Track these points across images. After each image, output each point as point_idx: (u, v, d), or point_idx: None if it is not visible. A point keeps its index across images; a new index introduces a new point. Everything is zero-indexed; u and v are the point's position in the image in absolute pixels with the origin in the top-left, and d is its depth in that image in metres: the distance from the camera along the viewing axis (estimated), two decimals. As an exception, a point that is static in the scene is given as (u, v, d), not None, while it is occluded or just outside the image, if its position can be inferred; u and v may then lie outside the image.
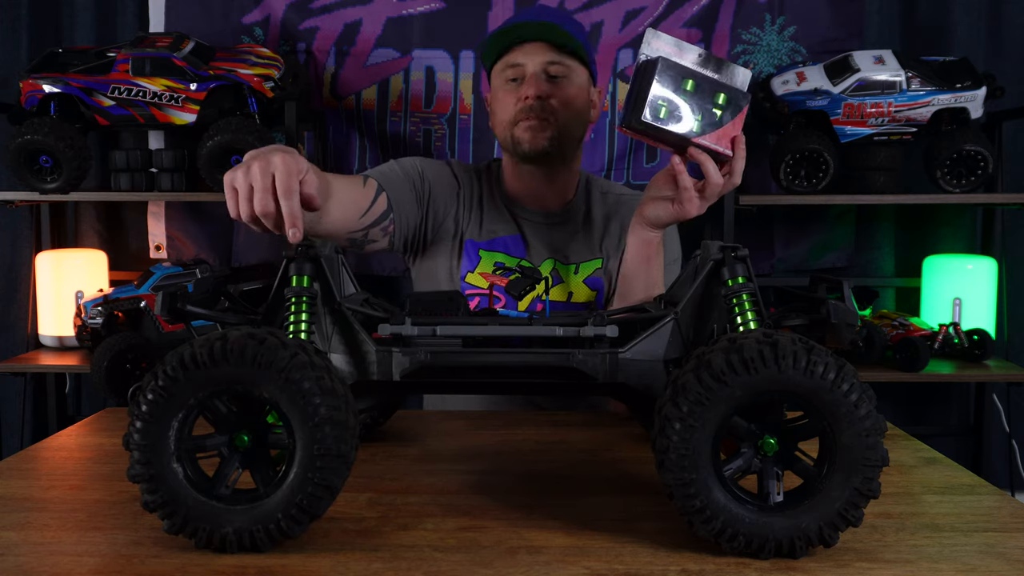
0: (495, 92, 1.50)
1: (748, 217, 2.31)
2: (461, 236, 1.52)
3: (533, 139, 1.44)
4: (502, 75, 1.47)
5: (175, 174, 2.26)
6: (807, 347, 0.75)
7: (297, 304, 0.88)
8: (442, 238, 1.52)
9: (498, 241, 1.51)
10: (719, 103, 1.09)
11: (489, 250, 1.51)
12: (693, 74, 1.08)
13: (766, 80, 2.26)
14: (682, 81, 1.07)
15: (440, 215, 1.52)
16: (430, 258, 1.53)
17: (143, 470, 0.77)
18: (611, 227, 1.54)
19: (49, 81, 2.10)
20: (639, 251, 1.31)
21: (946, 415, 2.57)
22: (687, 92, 1.08)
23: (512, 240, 1.51)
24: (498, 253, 1.50)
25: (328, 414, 0.76)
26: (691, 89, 1.08)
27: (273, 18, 2.42)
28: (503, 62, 1.47)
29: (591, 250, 1.52)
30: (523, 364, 0.86)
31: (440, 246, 1.52)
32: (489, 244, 1.51)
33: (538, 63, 1.43)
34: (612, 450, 1.14)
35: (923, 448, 1.16)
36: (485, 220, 1.53)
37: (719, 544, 0.77)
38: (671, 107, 1.08)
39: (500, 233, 1.52)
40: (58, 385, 2.44)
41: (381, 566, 0.76)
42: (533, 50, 1.44)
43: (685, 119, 1.09)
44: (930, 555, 0.79)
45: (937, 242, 2.51)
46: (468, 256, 1.51)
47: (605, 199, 1.57)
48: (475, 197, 1.54)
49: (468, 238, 1.52)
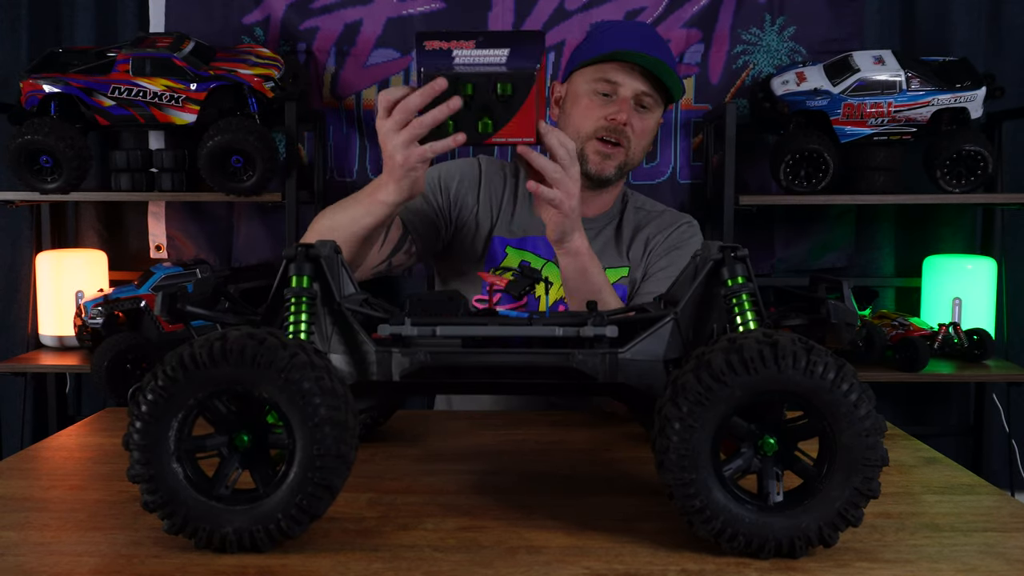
0: (576, 96, 1.49)
1: (748, 217, 2.31)
2: (489, 233, 1.51)
3: (601, 165, 1.47)
4: (592, 84, 1.47)
5: (175, 174, 2.26)
6: (807, 347, 0.75)
7: (297, 304, 0.88)
8: (466, 235, 1.52)
9: (528, 241, 1.51)
10: (505, 93, 1.03)
11: (519, 248, 1.51)
12: (470, 76, 1.02)
13: (766, 80, 2.26)
14: (461, 88, 1.03)
15: (464, 215, 1.52)
16: (455, 253, 1.54)
17: (143, 470, 0.77)
18: (637, 239, 1.55)
19: (49, 81, 2.10)
20: (572, 266, 1.26)
21: (946, 415, 2.57)
22: (469, 96, 1.03)
23: (543, 240, 1.51)
24: (527, 252, 1.50)
25: (328, 414, 0.76)
26: (471, 92, 1.03)
27: (273, 18, 2.42)
28: (598, 70, 1.46)
29: (620, 257, 1.53)
30: (523, 364, 0.86)
31: (464, 243, 1.52)
32: (520, 243, 1.51)
33: (635, 90, 1.45)
34: (612, 450, 1.14)
35: (923, 448, 1.16)
36: (516, 218, 1.53)
37: (719, 544, 0.77)
38: (456, 116, 1.04)
39: (531, 233, 1.52)
40: (58, 385, 2.44)
41: (381, 566, 0.77)
42: (634, 74, 1.44)
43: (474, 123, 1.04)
44: (930, 555, 0.79)
45: (937, 242, 2.52)
46: (495, 252, 1.51)
47: (637, 213, 1.58)
48: (504, 194, 1.54)
49: (496, 235, 1.51)
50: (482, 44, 1.02)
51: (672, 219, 1.57)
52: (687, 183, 2.48)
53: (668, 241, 1.53)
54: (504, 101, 1.03)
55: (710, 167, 2.43)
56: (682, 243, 1.53)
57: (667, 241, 1.53)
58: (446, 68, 1.03)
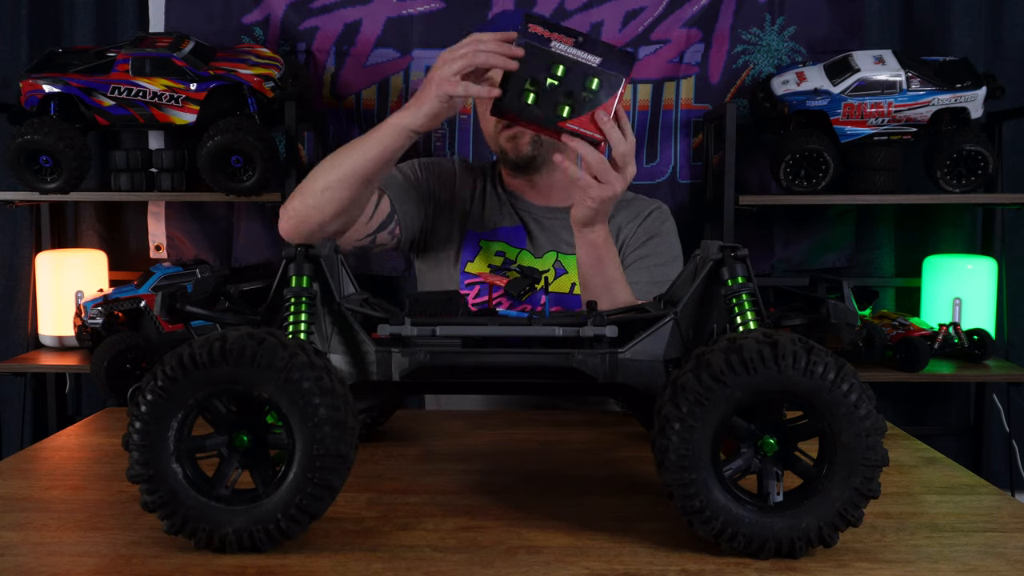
0: (478, 107, 1.53)
1: (748, 217, 2.31)
2: (462, 229, 1.54)
3: (515, 147, 1.47)
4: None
5: (175, 174, 2.26)
6: (807, 347, 0.75)
7: (296, 304, 0.88)
8: (444, 233, 1.55)
9: (500, 231, 1.52)
10: (591, 88, 1.08)
11: (490, 240, 1.52)
12: (563, 59, 1.07)
13: (766, 80, 2.26)
14: (553, 67, 1.07)
15: (442, 211, 1.54)
16: (434, 252, 1.56)
17: (143, 470, 0.77)
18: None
19: (49, 81, 2.10)
20: (588, 253, 1.31)
21: (946, 415, 2.56)
22: (557, 77, 1.07)
23: (514, 231, 1.53)
24: (499, 243, 1.52)
25: (328, 414, 0.76)
26: (562, 75, 1.07)
27: (273, 18, 2.42)
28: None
29: None
30: (523, 364, 0.86)
31: (443, 240, 1.55)
32: (491, 235, 1.53)
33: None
34: (612, 450, 1.14)
35: (923, 448, 1.16)
36: (487, 212, 1.55)
37: (719, 544, 0.77)
38: (540, 92, 1.07)
39: (502, 224, 1.53)
40: (58, 385, 2.44)
41: (381, 566, 0.76)
42: None
43: (554, 104, 1.08)
44: (930, 555, 0.79)
45: (937, 242, 2.51)
46: (468, 247, 1.53)
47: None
48: (476, 191, 1.57)
49: (469, 229, 1.54)
50: (580, 44, 1.08)
51: (642, 207, 1.57)
52: (687, 183, 2.48)
53: (642, 229, 1.54)
54: (587, 94, 1.08)
55: (710, 167, 2.43)
56: (657, 230, 1.54)
57: (641, 229, 1.54)
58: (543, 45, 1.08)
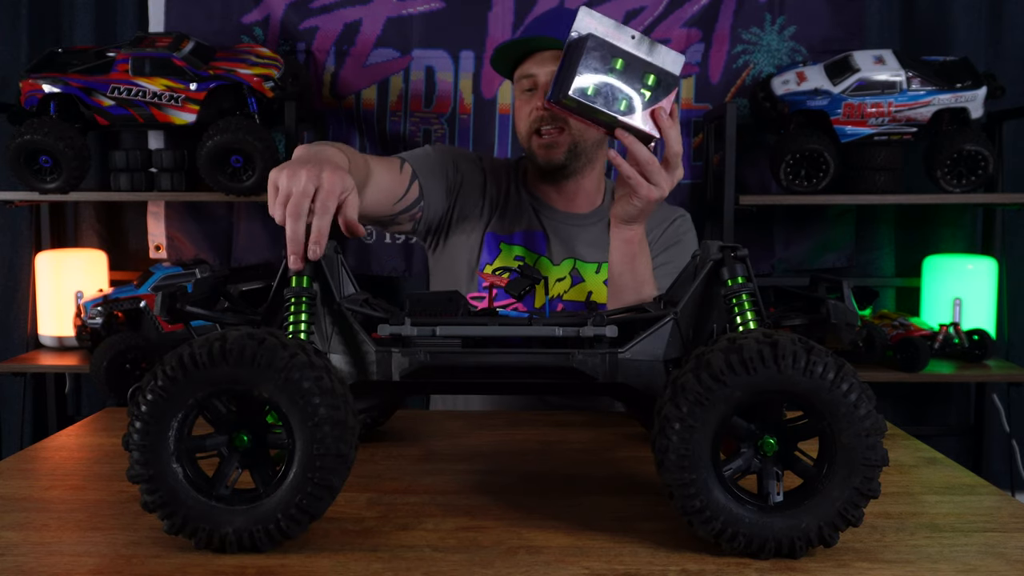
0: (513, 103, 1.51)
1: (748, 217, 2.31)
2: (484, 229, 1.53)
3: (548, 154, 1.46)
4: (518, 86, 1.48)
5: (175, 174, 2.26)
6: (807, 347, 0.75)
7: (296, 304, 0.88)
8: (465, 230, 1.53)
9: (519, 235, 1.52)
10: (648, 84, 1.07)
11: (510, 244, 1.51)
12: (623, 54, 1.06)
13: (766, 80, 2.26)
14: (611, 60, 1.06)
15: (467, 208, 1.53)
16: (451, 248, 1.54)
17: (143, 470, 0.77)
18: None
19: (49, 81, 2.10)
20: (621, 250, 1.30)
21: (946, 415, 2.57)
22: (616, 71, 1.06)
23: (534, 236, 1.52)
24: (518, 247, 1.51)
25: (328, 414, 0.76)
26: (620, 68, 1.06)
27: (273, 18, 2.42)
28: (519, 72, 1.48)
29: None
30: (523, 364, 0.86)
31: (462, 237, 1.53)
32: (510, 238, 1.52)
33: (549, 73, 1.43)
34: (612, 450, 1.14)
35: (923, 448, 1.16)
36: (509, 215, 1.54)
37: (719, 544, 0.77)
38: (599, 85, 1.06)
39: (522, 228, 1.53)
40: (58, 385, 2.44)
41: (381, 566, 0.76)
42: (545, 59, 1.44)
43: (613, 98, 1.07)
44: (930, 555, 0.79)
45: (937, 242, 2.51)
46: (488, 248, 1.52)
47: None
48: (501, 192, 1.55)
49: (490, 231, 1.53)
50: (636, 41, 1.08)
51: (666, 214, 1.57)
52: (687, 183, 2.48)
53: (665, 237, 1.53)
54: (645, 90, 1.07)
55: (710, 167, 2.43)
56: (679, 238, 1.53)
57: (664, 237, 1.53)
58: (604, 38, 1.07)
